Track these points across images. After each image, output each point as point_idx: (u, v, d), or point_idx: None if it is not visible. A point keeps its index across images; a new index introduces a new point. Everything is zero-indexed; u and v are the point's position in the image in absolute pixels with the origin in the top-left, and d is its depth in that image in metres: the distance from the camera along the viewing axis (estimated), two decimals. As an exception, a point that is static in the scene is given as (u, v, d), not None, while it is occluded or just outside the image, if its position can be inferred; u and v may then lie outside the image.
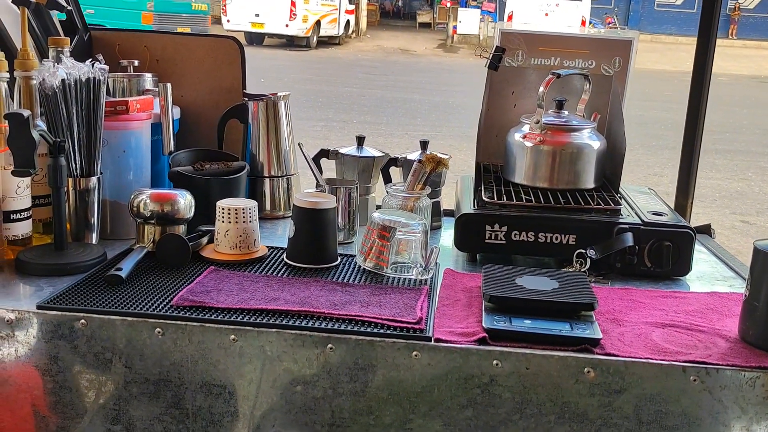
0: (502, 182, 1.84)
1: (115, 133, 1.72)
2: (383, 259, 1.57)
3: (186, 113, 2.13)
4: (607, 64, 1.98)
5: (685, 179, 2.14)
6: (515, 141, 1.82)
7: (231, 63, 2.15)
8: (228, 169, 1.90)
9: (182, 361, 1.34)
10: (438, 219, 1.98)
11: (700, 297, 1.55)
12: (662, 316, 1.43)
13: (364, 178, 1.95)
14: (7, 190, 1.54)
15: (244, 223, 1.64)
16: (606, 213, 1.70)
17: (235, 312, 1.36)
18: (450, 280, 1.58)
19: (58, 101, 1.59)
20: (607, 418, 1.28)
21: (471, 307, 1.43)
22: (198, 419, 1.36)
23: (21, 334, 1.36)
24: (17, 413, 1.39)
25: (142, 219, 1.62)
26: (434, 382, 1.29)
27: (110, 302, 1.38)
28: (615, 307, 1.47)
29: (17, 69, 1.63)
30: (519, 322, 1.32)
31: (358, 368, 1.30)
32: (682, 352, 1.28)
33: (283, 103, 2.05)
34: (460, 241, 1.70)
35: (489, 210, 1.69)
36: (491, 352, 1.28)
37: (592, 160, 1.78)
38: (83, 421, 1.39)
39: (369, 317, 1.36)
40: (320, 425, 1.34)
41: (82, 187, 1.64)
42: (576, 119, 1.83)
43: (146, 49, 2.15)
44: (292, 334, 1.31)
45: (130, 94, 2.01)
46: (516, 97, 2.03)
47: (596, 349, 1.28)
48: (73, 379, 1.37)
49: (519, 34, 1.98)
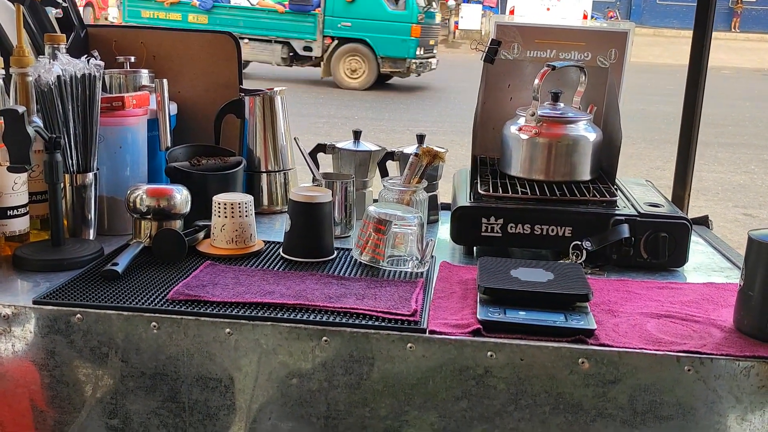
0: (498, 175, 1.84)
1: (112, 129, 1.72)
2: (379, 252, 1.57)
3: (183, 109, 2.14)
4: (603, 55, 1.97)
5: (682, 171, 2.14)
6: (511, 134, 1.81)
7: (227, 59, 2.15)
8: (225, 164, 1.90)
9: (178, 354, 1.34)
10: (435, 212, 1.98)
11: (696, 288, 1.55)
12: (657, 307, 1.43)
13: (361, 172, 1.95)
14: (3, 186, 1.55)
15: (240, 217, 1.64)
16: (602, 205, 1.70)
17: (231, 306, 1.37)
18: (446, 272, 1.58)
19: (54, 97, 1.60)
20: (601, 409, 1.28)
21: (466, 299, 1.43)
22: (194, 413, 1.37)
23: (18, 330, 1.36)
24: (15, 408, 1.40)
25: (139, 214, 1.62)
26: (429, 374, 1.30)
27: (106, 297, 1.38)
28: (610, 299, 1.47)
29: (13, 65, 1.63)
30: (513, 313, 1.32)
31: (353, 361, 1.31)
32: (677, 342, 1.28)
33: (279, 99, 2.05)
34: (457, 234, 1.70)
35: (485, 203, 1.69)
36: (486, 344, 1.28)
37: (588, 152, 1.78)
38: (81, 415, 1.39)
39: (364, 310, 1.36)
40: (316, 418, 1.34)
41: (79, 183, 1.65)
42: (572, 111, 1.83)
43: (142, 46, 2.15)
44: (288, 327, 1.31)
45: (127, 90, 2.01)
46: (512, 90, 2.03)
47: (591, 339, 1.28)
48: (70, 373, 1.37)
49: (515, 27, 1.98)
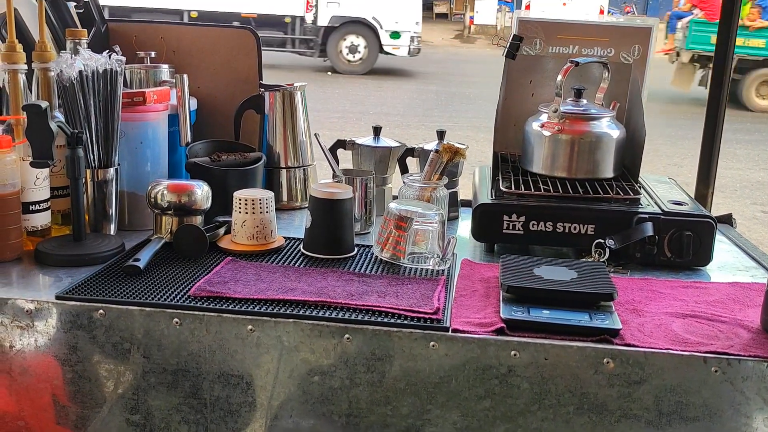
0: (519, 172, 1.83)
1: (133, 125, 1.72)
2: (400, 249, 1.57)
3: (203, 104, 2.13)
4: (626, 52, 1.95)
5: (706, 168, 2.11)
6: (533, 130, 1.80)
7: (247, 54, 2.14)
8: (245, 160, 1.90)
9: (200, 351, 1.34)
10: (455, 209, 1.97)
11: (721, 287, 1.53)
12: (683, 307, 1.42)
13: (381, 169, 1.94)
14: (26, 181, 1.55)
15: (260, 213, 1.63)
16: (625, 202, 1.68)
17: (252, 302, 1.36)
18: (467, 270, 1.57)
19: (76, 92, 1.60)
20: (626, 409, 1.26)
21: (489, 297, 1.42)
22: (216, 409, 1.37)
23: (40, 324, 1.36)
24: (37, 403, 1.40)
25: (160, 210, 1.62)
26: (452, 372, 1.29)
27: (128, 292, 1.38)
28: (635, 298, 1.45)
29: (35, 61, 1.64)
30: (537, 312, 1.31)
31: (375, 359, 1.30)
32: (703, 342, 1.27)
33: (299, 94, 2.04)
34: (478, 231, 1.69)
35: (507, 200, 1.68)
36: (509, 343, 1.27)
37: (611, 149, 1.76)
38: (102, 410, 1.40)
39: (386, 307, 1.35)
40: (337, 415, 1.33)
41: (100, 178, 1.65)
42: (595, 108, 1.81)
43: (163, 41, 2.15)
44: (309, 324, 1.31)
45: (147, 85, 2.01)
46: (534, 86, 2.01)
47: (615, 339, 1.27)
48: (92, 369, 1.38)
49: (537, 23, 1.96)
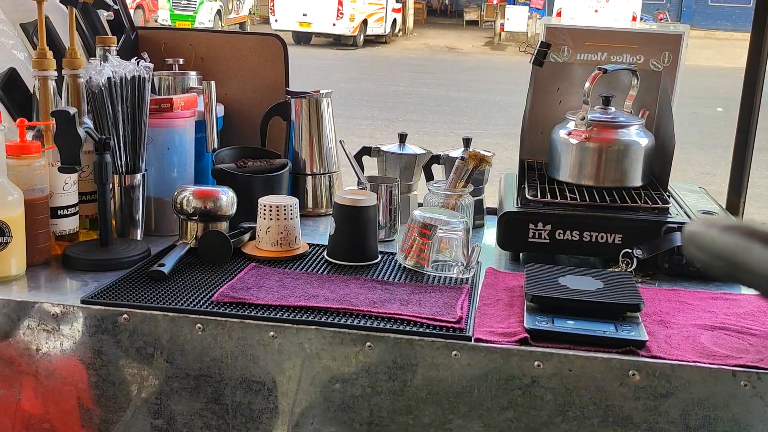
0: (546, 180, 1.81)
1: (160, 131, 1.74)
2: (424, 257, 1.56)
3: (229, 111, 2.15)
4: (656, 58, 1.92)
5: (738, 177, 2.07)
6: (560, 138, 1.78)
7: (275, 61, 2.15)
8: (270, 166, 1.90)
9: (222, 356, 1.34)
10: (481, 217, 1.95)
11: (752, 299, 1.50)
12: (711, 319, 1.39)
13: (406, 176, 1.93)
14: (54, 186, 1.57)
15: (285, 220, 1.64)
16: (654, 212, 1.65)
17: (275, 309, 1.36)
18: (492, 279, 1.56)
19: (104, 99, 1.62)
20: (652, 423, 1.24)
21: (513, 306, 1.41)
22: (238, 415, 1.37)
23: (66, 328, 1.38)
24: (62, 406, 1.42)
25: (185, 216, 1.63)
26: (474, 382, 1.27)
27: (153, 297, 1.39)
28: (662, 309, 1.43)
29: (65, 67, 1.66)
30: (561, 322, 1.30)
31: (397, 367, 1.29)
32: (732, 356, 1.24)
33: (325, 101, 2.04)
34: (503, 239, 1.67)
35: (533, 208, 1.66)
36: (533, 353, 1.25)
37: (639, 157, 1.74)
38: (126, 414, 1.41)
39: (408, 316, 1.34)
40: (359, 423, 1.33)
41: (127, 183, 1.66)
42: (623, 116, 1.78)
43: (191, 48, 2.17)
44: (332, 331, 1.31)
45: (175, 91, 2.03)
46: (561, 93, 1.99)
47: (642, 351, 1.24)
48: (117, 373, 1.39)
49: (565, 29, 1.95)
